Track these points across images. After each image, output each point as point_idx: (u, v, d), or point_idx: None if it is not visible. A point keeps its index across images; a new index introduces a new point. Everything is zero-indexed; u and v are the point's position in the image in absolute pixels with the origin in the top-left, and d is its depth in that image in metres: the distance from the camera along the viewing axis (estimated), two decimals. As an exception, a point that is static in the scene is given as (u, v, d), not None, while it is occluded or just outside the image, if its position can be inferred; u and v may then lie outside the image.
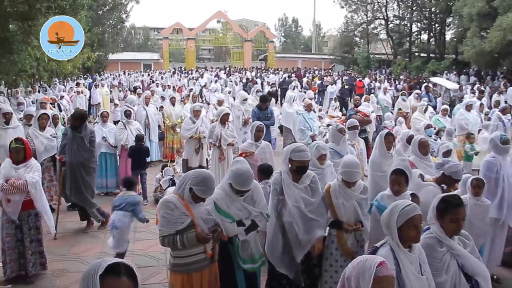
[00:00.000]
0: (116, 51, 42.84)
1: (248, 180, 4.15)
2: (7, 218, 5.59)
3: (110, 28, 38.53)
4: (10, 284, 5.59)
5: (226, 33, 61.60)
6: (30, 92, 16.13)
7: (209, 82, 28.68)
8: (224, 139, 8.18)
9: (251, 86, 21.47)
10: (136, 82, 29.73)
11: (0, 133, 8.35)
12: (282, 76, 30.65)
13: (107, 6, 36.85)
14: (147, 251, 6.51)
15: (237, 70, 42.48)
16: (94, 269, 1.79)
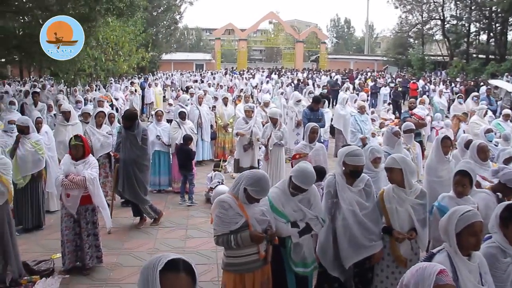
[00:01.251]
0: (169, 51, 43.69)
1: (310, 179, 4.13)
2: (66, 212, 5.78)
3: (164, 29, 39.37)
4: (68, 274, 5.79)
5: (277, 34, 61.61)
6: (88, 91, 16.66)
7: (260, 82, 28.78)
8: (272, 140, 8.18)
9: (302, 88, 21.37)
10: (188, 82, 30.16)
11: (60, 129, 8.69)
12: (334, 78, 30.32)
13: (161, 8, 37.69)
14: (198, 249, 6.57)
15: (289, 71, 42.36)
16: (153, 264, 1.80)
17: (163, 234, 7.21)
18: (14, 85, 25.55)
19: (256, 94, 23.55)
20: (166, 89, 27.44)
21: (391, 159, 4.45)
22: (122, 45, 19.07)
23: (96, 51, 16.71)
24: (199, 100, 11.51)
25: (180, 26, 51.39)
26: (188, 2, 40.23)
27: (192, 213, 8.15)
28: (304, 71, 41.07)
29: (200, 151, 10.73)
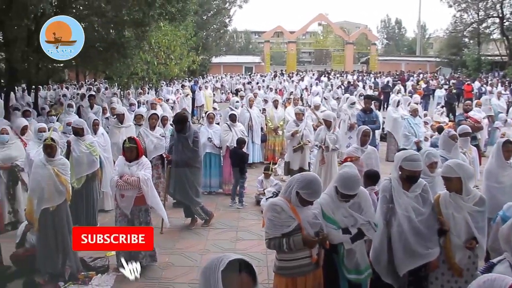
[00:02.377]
0: (219, 54, 44.12)
1: (355, 184, 4.06)
2: (121, 212, 5.94)
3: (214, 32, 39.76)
4: (122, 272, 5.94)
5: (326, 36, 61.18)
6: (140, 94, 17.09)
7: (309, 85, 28.64)
8: (327, 144, 8.11)
9: (352, 90, 21.11)
10: (238, 85, 30.43)
11: (114, 131, 8.94)
12: (385, 80, 29.77)
13: (211, 11, 38.06)
14: (248, 251, 6.58)
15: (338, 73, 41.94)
16: (215, 265, 1.81)
17: (214, 235, 7.28)
18: (71, 88, 26.52)
19: (305, 96, 23.45)
20: (215, 92, 27.76)
21: (448, 168, 4.27)
22: (174, 49, 19.41)
23: (148, 55, 17.10)
24: (250, 103, 11.56)
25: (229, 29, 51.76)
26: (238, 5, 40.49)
27: (243, 215, 8.20)
28: (354, 73, 40.55)
29: (251, 154, 10.75)
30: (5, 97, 14.51)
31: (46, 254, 5.67)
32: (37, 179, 5.64)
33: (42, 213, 5.63)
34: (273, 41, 61.12)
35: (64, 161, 5.79)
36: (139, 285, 5.69)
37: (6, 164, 7.35)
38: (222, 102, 27.67)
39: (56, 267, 5.68)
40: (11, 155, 7.44)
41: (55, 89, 24.83)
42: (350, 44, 54.82)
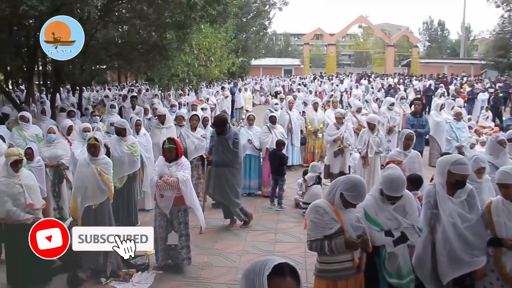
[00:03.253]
0: (258, 56, 44.26)
1: (400, 186, 3.99)
2: (160, 211, 6.03)
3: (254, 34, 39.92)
4: (161, 270, 6.03)
5: (367, 38, 60.45)
6: (181, 95, 17.29)
7: (349, 88, 28.36)
8: (371, 146, 7.99)
9: (393, 93, 20.76)
10: (277, 87, 30.40)
11: (155, 132, 9.09)
12: (427, 83, 29.12)
13: (251, 14, 38.24)
14: (287, 253, 6.53)
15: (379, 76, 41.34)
16: (259, 269, 1.79)
17: (253, 237, 7.28)
18: (113, 89, 27.12)
19: (345, 99, 23.22)
20: (255, 94, 27.82)
21: (505, 174, 4.08)
22: (214, 51, 19.57)
23: (189, 57, 17.30)
24: (290, 105, 11.53)
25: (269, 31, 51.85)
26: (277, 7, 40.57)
27: (281, 218, 8.16)
28: (395, 76, 39.88)
29: (290, 156, 10.70)
30: (52, 97, 14.98)
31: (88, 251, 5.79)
32: (81, 178, 5.80)
33: (85, 211, 5.78)
34: (312, 44, 60.85)
35: (107, 161, 5.92)
36: (178, 284, 5.77)
37: (52, 162, 7.59)
38: (261, 104, 27.73)
39: (98, 264, 5.82)
40: (57, 153, 7.67)
41: (97, 90, 25.47)
42: (391, 47, 53.91)
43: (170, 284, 5.77)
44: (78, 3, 10.88)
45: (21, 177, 5.53)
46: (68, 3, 10.41)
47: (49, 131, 7.81)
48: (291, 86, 31.57)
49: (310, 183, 8.22)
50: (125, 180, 7.44)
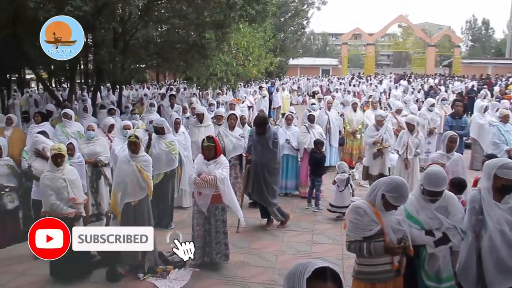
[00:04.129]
0: (296, 56, 44.11)
1: (441, 180, 3.90)
2: (198, 209, 6.06)
3: (292, 34, 39.80)
4: (198, 268, 6.07)
5: (406, 38, 59.35)
6: (219, 94, 17.39)
7: (388, 88, 27.93)
8: (410, 148, 7.83)
9: (433, 94, 20.30)
10: (315, 87, 30.22)
11: (194, 130, 9.16)
12: (470, 84, 28.35)
13: (289, 13, 38.12)
14: (324, 255, 6.47)
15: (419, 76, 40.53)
16: (300, 271, 1.76)
17: (290, 237, 7.23)
18: (152, 88, 27.54)
19: (383, 100, 22.86)
20: (292, 94, 27.73)
21: None
22: (252, 50, 19.61)
23: (227, 56, 17.39)
24: (328, 105, 11.42)
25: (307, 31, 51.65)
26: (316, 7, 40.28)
27: (319, 219, 8.08)
28: (436, 76, 39.01)
29: (328, 157, 10.57)
30: (93, 95, 15.33)
31: (128, 247, 5.89)
32: (121, 174, 5.89)
33: (125, 207, 5.88)
34: (351, 43, 60.19)
35: (147, 158, 6.00)
36: (215, 282, 5.79)
37: (91, 159, 7.74)
38: (298, 104, 27.62)
39: (136, 259, 5.89)
40: (96, 150, 7.82)
41: (136, 89, 25.90)
42: (432, 47, 52.79)
43: (206, 282, 5.79)
44: (119, 3, 11.10)
45: (65, 172, 5.68)
46: (110, 3, 10.61)
47: (88, 128, 7.99)
48: (328, 86, 31.34)
49: (342, 187, 8.01)
50: (161, 177, 7.53)
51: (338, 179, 8.07)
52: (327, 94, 19.18)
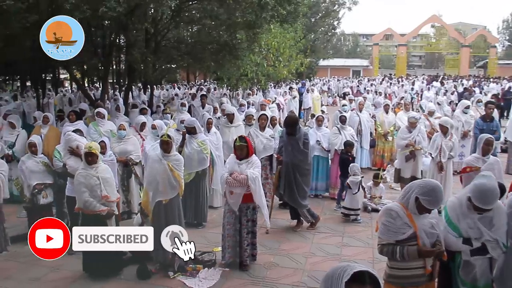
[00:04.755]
0: (327, 57, 43.84)
1: (492, 199, 3.71)
2: (229, 208, 6.07)
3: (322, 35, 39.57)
4: (228, 268, 6.08)
5: (440, 38, 58.26)
6: (249, 95, 17.41)
7: (420, 90, 27.47)
8: (443, 151, 7.67)
9: (467, 96, 19.85)
10: (345, 88, 29.98)
11: (224, 130, 9.19)
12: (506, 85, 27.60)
13: (319, 14, 37.90)
14: (355, 258, 6.37)
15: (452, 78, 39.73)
16: (339, 274, 1.73)
17: (319, 239, 7.17)
18: (182, 88, 27.78)
19: (416, 102, 22.50)
20: (322, 95, 27.55)
21: None
22: (283, 51, 19.54)
23: (258, 56, 17.38)
24: (360, 107, 11.29)
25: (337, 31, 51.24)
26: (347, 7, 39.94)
27: (349, 221, 7.98)
28: (470, 78, 38.17)
29: (359, 159, 10.47)
30: (125, 95, 15.57)
31: (158, 245, 5.93)
32: (153, 173, 5.94)
33: (156, 205, 5.93)
34: (382, 44, 59.48)
35: (179, 157, 6.04)
36: (244, 282, 5.78)
37: (122, 158, 7.86)
38: (328, 106, 27.44)
39: (167, 258, 5.93)
40: (127, 149, 7.94)
41: (167, 89, 26.15)
42: (466, 47, 51.69)
43: (236, 282, 5.79)
44: (152, 4, 11.23)
45: (99, 170, 5.76)
46: (143, 3, 10.75)
47: (120, 127, 8.11)
48: (358, 88, 31.02)
49: (355, 190, 7.93)
50: (193, 177, 7.57)
51: (351, 182, 8.01)
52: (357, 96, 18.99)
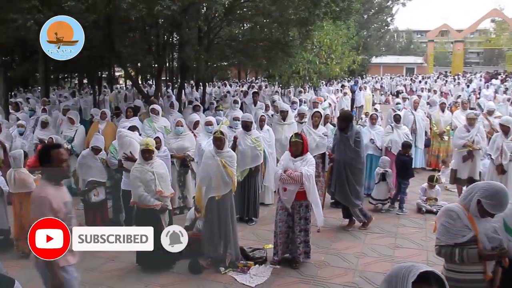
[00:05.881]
0: (379, 54, 43.08)
1: None
2: (282, 205, 6.08)
3: (375, 31, 38.91)
4: (279, 265, 6.09)
5: (500, 34, 55.92)
6: (301, 92, 17.34)
7: (478, 88, 26.53)
8: (504, 152, 7.37)
9: (529, 95, 19.00)
10: (398, 86, 29.34)
11: (277, 128, 9.18)
12: None
13: (372, 10, 37.28)
14: (408, 260, 6.23)
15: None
16: (403, 274, 1.70)
17: (371, 239, 7.06)
18: (234, 85, 28.00)
19: (473, 100, 21.74)
20: (374, 93, 27.08)
21: None
22: (335, 48, 19.36)
23: (310, 54, 17.29)
24: (415, 105, 11.01)
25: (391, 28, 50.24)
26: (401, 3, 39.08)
27: (402, 222, 7.82)
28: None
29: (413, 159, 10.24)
30: (178, 92, 15.86)
31: (209, 240, 6.04)
32: (206, 169, 6.02)
33: (209, 201, 6.00)
34: (437, 41, 57.79)
35: (232, 154, 6.09)
36: (294, 280, 5.77)
37: (179, 154, 8.03)
38: (381, 104, 26.93)
39: (218, 253, 6.02)
40: (184, 145, 8.10)
41: (219, 86, 26.42)
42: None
43: (286, 280, 5.78)
44: (206, 2, 11.38)
45: (154, 165, 5.89)
46: (197, 2, 10.91)
47: (177, 124, 8.27)
48: (411, 86, 30.27)
49: (376, 180, 8.21)
50: (246, 174, 7.62)
51: (376, 172, 8.30)
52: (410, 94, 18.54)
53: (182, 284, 5.73)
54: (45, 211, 3.96)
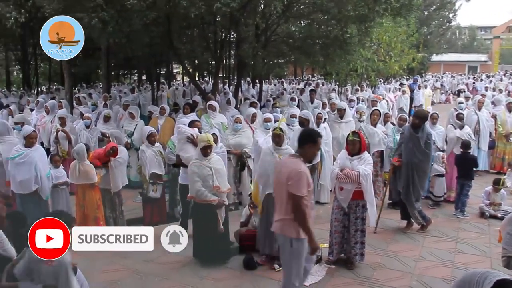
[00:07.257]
0: (440, 52, 41.68)
1: None
2: (338, 204, 6.01)
3: (436, 28, 37.66)
4: (334, 265, 6.02)
5: None
6: (357, 91, 17.07)
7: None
8: None
9: None
10: (460, 85, 28.30)
11: (334, 126, 9.11)
12: None
13: (434, 6, 36.09)
14: (470, 266, 5.96)
15: None
16: (477, 281, 1.64)
17: (430, 243, 6.85)
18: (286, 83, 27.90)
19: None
20: (434, 92, 26.24)
21: None
22: (394, 45, 18.91)
23: (368, 51, 16.97)
24: (479, 105, 10.58)
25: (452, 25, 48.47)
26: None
27: (463, 226, 7.54)
28: None
29: (476, 159, 9.86)
30: (235, 89, 15.99)
31: (265, 237, 6.04)
32: (264, 166, 6.03)
33: (265, 198, 5.99)
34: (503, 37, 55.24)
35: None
36: (350, 281, 5.70)
37: (237, 150, 8.10)
38: (441, 103, 26.10)
39: (273, 250, 6.00)
40: (242, 142, 8.15)
41: (275, 84, 26.40)
42: None
43: (341, 280, 5.71)
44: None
45: (211, 161, 5.97)
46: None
47: (236, 120, 8.35)
48: (474, 85, 29.12)
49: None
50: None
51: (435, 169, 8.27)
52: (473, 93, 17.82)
53: (236, 279, 5.77)
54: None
